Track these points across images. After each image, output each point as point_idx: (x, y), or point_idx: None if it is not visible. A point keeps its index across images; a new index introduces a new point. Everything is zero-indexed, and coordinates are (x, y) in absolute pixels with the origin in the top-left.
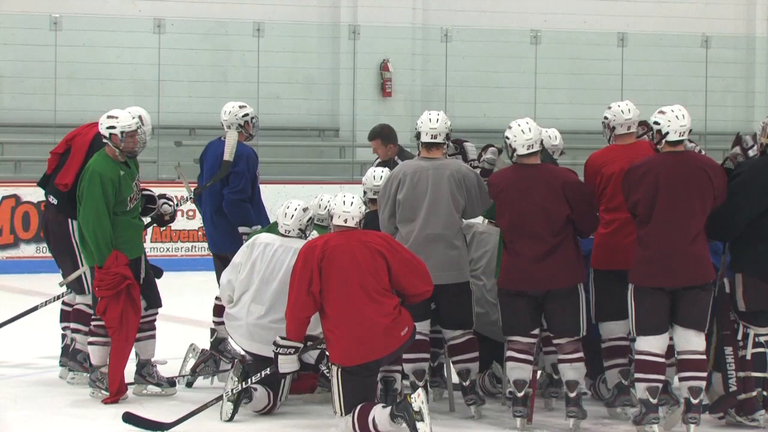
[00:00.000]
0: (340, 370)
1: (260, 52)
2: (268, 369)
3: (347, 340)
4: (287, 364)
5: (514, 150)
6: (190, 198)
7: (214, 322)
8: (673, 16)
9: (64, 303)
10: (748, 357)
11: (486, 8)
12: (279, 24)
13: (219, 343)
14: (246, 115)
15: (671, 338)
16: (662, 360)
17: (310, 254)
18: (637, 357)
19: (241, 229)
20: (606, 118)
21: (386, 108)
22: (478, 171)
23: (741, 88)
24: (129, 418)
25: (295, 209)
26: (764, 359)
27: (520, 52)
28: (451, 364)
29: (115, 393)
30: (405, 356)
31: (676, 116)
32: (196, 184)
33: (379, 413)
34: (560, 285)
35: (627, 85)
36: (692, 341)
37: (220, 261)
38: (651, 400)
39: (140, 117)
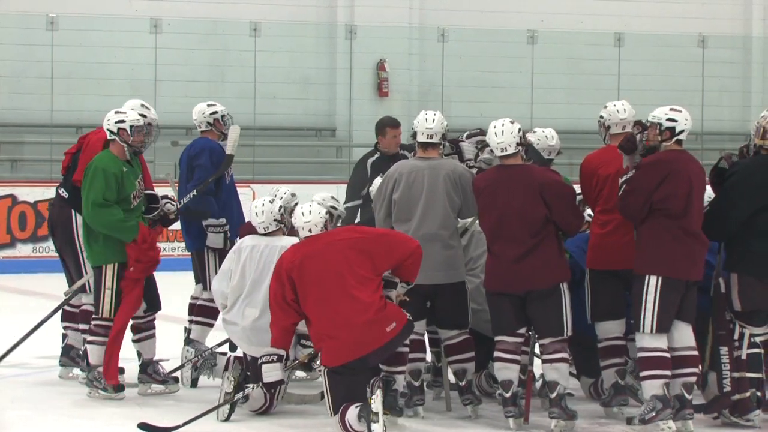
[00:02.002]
0: (326, 371)
1: (257, 52)
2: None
3: (330, 341)
4: (271, 372)
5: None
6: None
7: (189, 321)
8: (670, 16)
9: (67, 303)
10: (744, 357)
11: (483, 8)
12: (276, 24)
13: (188, 343)
14: (214, 113)
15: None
16: (669, 355)
17: (280, 267)
18: (646, 354)
19: (206, 222)
20: (601, 117)
21: (383, 108)
22: (474, 171)
23: (737, 88)
24: (144, 427)
25: (263, 205)
26: (759, 360)
27: (517, 52)
28: (447, 364)
29: (114, 376)
30: None
31: (689, 116)
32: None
33: (351, 413)
34: (540, 285)
35: (624, 84)
36: (690, 337)
37: (197, 257)
38: (667, 395)
39: (142, 106)
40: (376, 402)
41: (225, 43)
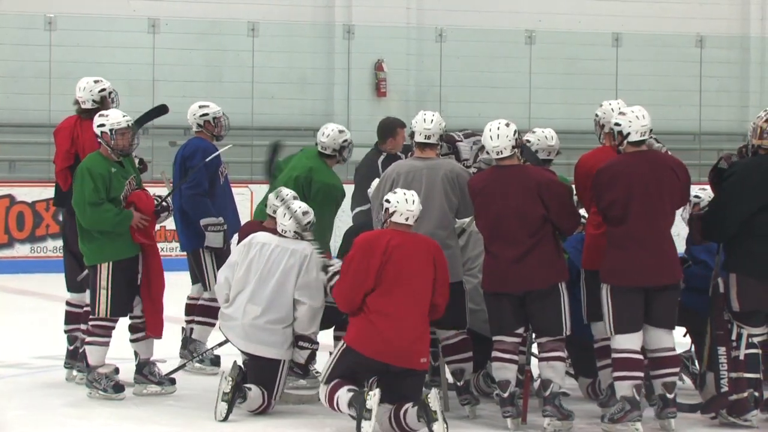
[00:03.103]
0: (345, 347)
1: (255, 52)
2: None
3: (370, 326)
4: None
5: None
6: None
7: (186, 321)
8: (668, 16)
9: (68, 304)
10: (741, 357)
11: (480, 8)
12: (273, 24)
13: (190, 343)
14: (205, 114)
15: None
16: (641, 357)
17: (374, 245)
18: (616, 356)
19: (203, 221)
20: (597, 116)
21: (381, 108)
22: (472, 171)
23: (735, 88)
24: None
25: (294, 212)
26: (757, 360)
27: (515, 52)
28: (445, 364)
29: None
30: None
31: (637, 116)
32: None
33: (343, 394)
34: (539, 285)
35: (621, 84)
36: (664, 339)
37: (193, 258)
38: (636, 397)
39: (95, 82)
40: (372, 399)
41: (222, 43)
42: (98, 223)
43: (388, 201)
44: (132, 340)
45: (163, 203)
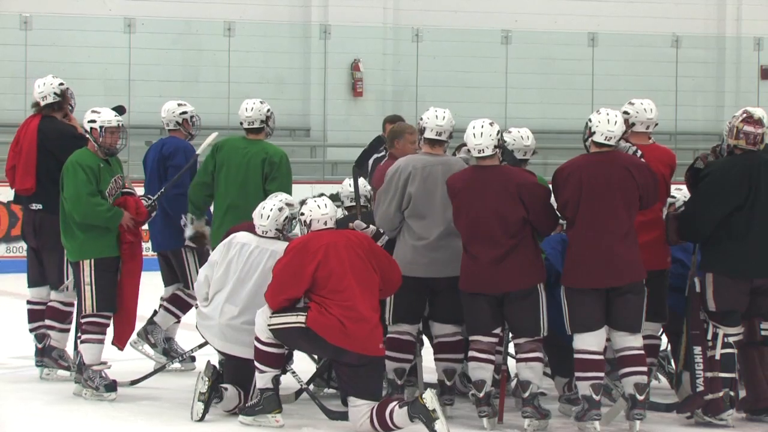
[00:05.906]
0: (305, 327)
1: (231, 52)
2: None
3: (334, 320)
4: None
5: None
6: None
7: (159, 305)
8: (644, 16)
9: (29, 303)
10: (717, 357)
11: (457, 8)
12: (250, 23)
13: (149, 324)
14: (184, 113)
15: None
16: (601, 357)
17: (310, 248)
18: (576, 356)
19: (185, 221)
20: (626, 113)
21: (357, 108)
22: None
23: (711, 87)
24: None
25: (271, 209)
26: (733, 360)
27: (491, 51)
28: (422, 363)
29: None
30: (390, 355)
31: (608, 120)
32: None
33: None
34: (518, 287)
35: (597, 84)
36: (627, 340)
37: (164, 260)
38: (594, 396)
39: (54, 77)
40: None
41: (199, 42)
42: (91, 216)
43: (302, 214)
44: (82, 341)
45: (151, 206)
